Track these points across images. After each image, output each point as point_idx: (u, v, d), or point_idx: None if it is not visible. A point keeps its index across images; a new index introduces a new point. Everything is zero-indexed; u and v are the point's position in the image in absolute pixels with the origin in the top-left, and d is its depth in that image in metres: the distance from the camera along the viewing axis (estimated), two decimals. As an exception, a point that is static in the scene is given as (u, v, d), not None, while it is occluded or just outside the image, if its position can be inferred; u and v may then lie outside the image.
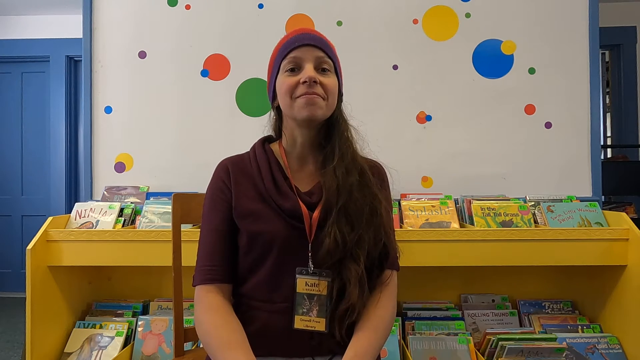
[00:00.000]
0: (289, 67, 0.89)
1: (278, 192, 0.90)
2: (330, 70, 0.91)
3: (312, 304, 0.85)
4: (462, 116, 1.91)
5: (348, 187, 0.87)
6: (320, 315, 0.84)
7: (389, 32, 1.93)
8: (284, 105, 0.91)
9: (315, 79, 0.86)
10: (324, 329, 0.84)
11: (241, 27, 1.95)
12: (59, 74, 3.56)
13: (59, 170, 3.56)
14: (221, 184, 0.94)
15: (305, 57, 0.89)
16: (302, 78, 0.87)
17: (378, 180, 0.95)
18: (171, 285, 1.19)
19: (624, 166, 2.90)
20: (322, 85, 0.88)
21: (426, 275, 1.79)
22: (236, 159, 0.97)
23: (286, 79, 0.89)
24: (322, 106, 0.88)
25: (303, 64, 0.89)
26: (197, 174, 1.91)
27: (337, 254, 0.84)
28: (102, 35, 1.96)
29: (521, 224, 1.62)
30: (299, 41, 0.89)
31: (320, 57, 0.90)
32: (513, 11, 1.91)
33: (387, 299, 0.90)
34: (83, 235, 1.55)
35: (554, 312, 1.73)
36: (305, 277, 0.86)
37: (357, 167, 0.90)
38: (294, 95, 0.88)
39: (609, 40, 3.19)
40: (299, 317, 0.84)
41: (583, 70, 1.89)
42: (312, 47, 0.89)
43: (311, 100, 0.86)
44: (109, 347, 1.60)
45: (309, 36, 0.90)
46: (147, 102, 1.95)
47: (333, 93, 0.90)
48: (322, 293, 0.85)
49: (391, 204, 1.00)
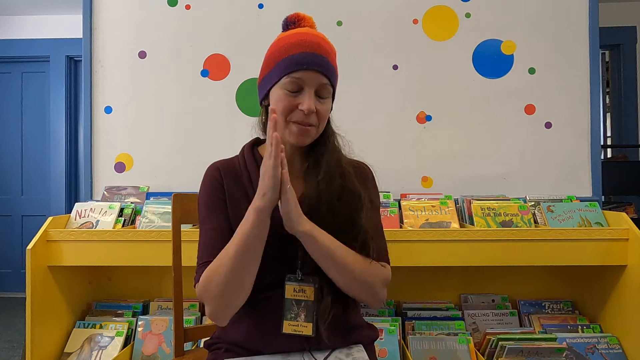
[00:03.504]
0: (291, 87, 0.88)
1: None
2: (328, 96, 0.91)
3: (300, 309, 0.87)
4: (462, 116, 1.91)
5: (329, 198, 0.88)
6: (307, 320, 0.86)
7: (389, 32, 1.93)
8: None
9: (314, 110, 0.87)
10: (310, 333, 0.86)
11: (241, 27, 1.95)
12: (59, 74, 3.56)
13: (59, 170, 3.56)
14: (216, 184, 0.94)
15: (308, 82, 0.87)
16: (301, 106, 0.86)
17: (362, 180, 0.96)
18: (171, 285, 1.19)
19: (624, 166, 2.90)
20: (317, 113, 0.88)
21: (426, 275, 1.79)
22: (226, 164, 0.97)
23: (285, 98, 0.88)
24: (312, 135, 0.90)
25: (305, 88, 0.87)
26: (197, 174, 1.86)
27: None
28: (102, 35, 1.96)
29: (521, 224, 1.62)
30: (306, 64, 0.87)
31: (324, 84, 0.89)
32: (513, 11, 1.91)
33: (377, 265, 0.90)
34: (83, 235, 1.55)
35: (554, 312, 1.73)
36: (294, 283, 0.87)
37: (340, 172, 0.91)
38: (289, 118, 0.88)
39: (609, 40, 3.19)
40: (287, 322, 0.86)
41: (583, 70, 1.89)
42: (318, 73, 0.87)
43: (304, 132, 0.88)
44: (109, 347, 1.60)
45: (317, 59, 0.87)
46: (147, 102, 1.95)
47: (325, 118, 0.91)
48: (309, 299, 0.87)
49: (377, 203, 1.00)
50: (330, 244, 0.84)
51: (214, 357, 0.94)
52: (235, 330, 0.92)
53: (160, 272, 1.84)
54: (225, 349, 0.93)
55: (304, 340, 0.87)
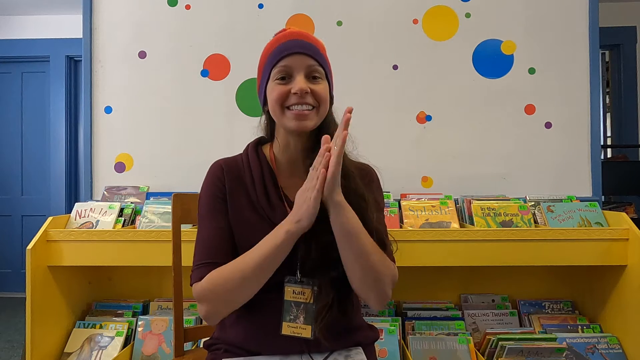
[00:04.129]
0: (279, 75, 0.88)
1: (269, 204, 0.91)
2: (321, 77, 0.90)
3: (299, 311, 0.86)
4: (462, 116, 1.91)
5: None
6: (306, 323, 0.86)
7: (389, 32, 1.93)
8: (274, 114, 0.90)
9: (307, 90, 0.86)
10: (309, 336, 0.85)
11: (241, 27, 1.95)
12: (59, 74, 3.56)
13: (59, 170, 3.56)
14: (218, 183, 0.93)
15: (295, 66, 0.88)
16: (293, 89, 0.86)
17: (367, 182, 0.95)
18: (171, 285, 1.19)
19: (624, 166, 2.90)
20: (313, 93, 0.87)
21: (426, 275, 1.79)
22: (230, 162, 0.97)
23: (276, 87, 0.88)
24: (312, 117, 0.88)
25: (294, 73, 0.88)
26: (197, 174, 1.87)
27: (315, 262, 0.86)
28: (102, 35, 1.96)
29: (521, 224, 1.62)
30: (289, 49, 0.88)
31: (311, 66, 0.89)
32: (513, 11, 1.91)
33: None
34: (83, 235, 1.55)
35: (554, 312, 1.73)
36: (293, 285, 0.87)
37: (344, 173, 0.90)
38: (285, 104, 0.88)
39: (609, 40, 3.18)
40: (286, 324, 0.86)
41: (583, 70, 1.89)
42: (303, 55, 0.88)
43: (302, 115, 0.87)
44: (109, 347, 1.60)
45: (299, 43, 0.89)
46: (147, 102, 1.95)
47: (324, 100, 0.90)
48: (308, 301, 0.87)
49: (382, 204, 1.00)
50: (356, 223, 0.83)
51: (214, 357, 0.94)
52: (234, 331, 0.92)
53: (160, 272, 1.84)
54: (224, 350, 0.93)
55: (302, 342, 0.87)
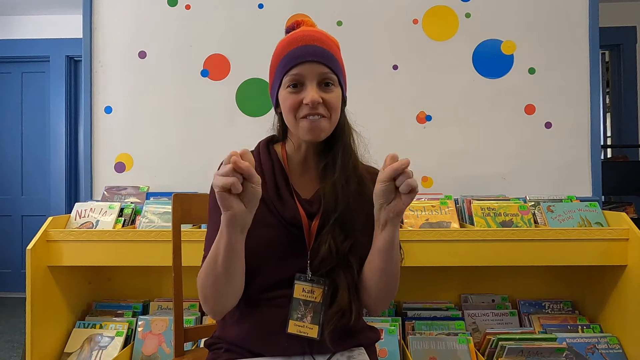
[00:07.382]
0: (291, 83, 0.87)
1: (279, 200, 0.90)
2: (333, 83, 0.88)
3: (307, 310, 0.86)
4: (462, 116, 1.91)
5: (346, 199, 0.87)
6: (314, 322, 0.85)
7: (389, 32, 1.93)
8: (287, 122, 0.90)
9: (319, 100, 0.84)
10: (316, 336, 0.85)
11: (241, 27, 1.95)
12: (59, 74, 3.56)
13: (59, 170, 3.56)
14: None
15: (308, 75, 0.85)
16: (305, 100, 0.84)
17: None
18: (171, 285, 1.19)
19: (624, 166, 2.90)
20: (325, 103, 0.86)
21: (426, 275, 1.79)
22: None
23: (289, 97, 0.87)
24: (325, 127, 0.87)
25: (306, 82, 0.86)
26: (197, 174, 1.91)
27: (330, 262, 0.85)
28: (102, 35, 1.96)
29: (521, 224, 1.62)
30: (301, 57, 0.85)
31: (324, 74, 0.87)
32: (513, 11, 1.91)
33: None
34: (83, 235, 1.55)
35: (554, 312, 1.73)
36: (303, 283, 0.87)
37: (356, 176, 0.90)
38: (298, 115, 0.86)
39: (609, 40, 3.18)
40: (293, 322, 0.85)
41: (583, 70, 1.89)
42: (316, 64, 0.86)
43: (315, 126, 0.85)
44: (109, 347, 1.60)
45: (311, 50, 0.86)
46: (147, 102, 1.95)
47: (336, 108, 0.88)
48: (317, 300, 0.86)
49: None
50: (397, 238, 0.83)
51: (214, 356, 0.94)
52: (235, 330, 0.92)
53: (160, 272, 1.84)
54: (225, 349, 0.92)
55: (305, 343, 0.86)
